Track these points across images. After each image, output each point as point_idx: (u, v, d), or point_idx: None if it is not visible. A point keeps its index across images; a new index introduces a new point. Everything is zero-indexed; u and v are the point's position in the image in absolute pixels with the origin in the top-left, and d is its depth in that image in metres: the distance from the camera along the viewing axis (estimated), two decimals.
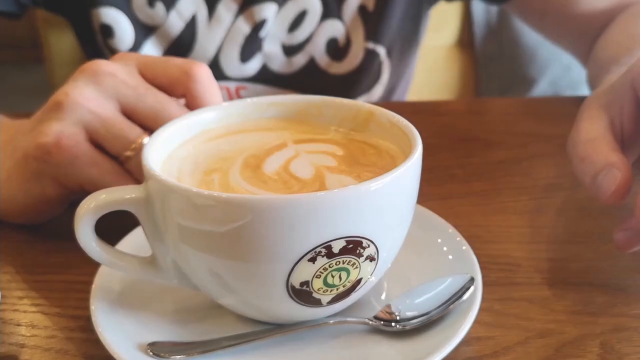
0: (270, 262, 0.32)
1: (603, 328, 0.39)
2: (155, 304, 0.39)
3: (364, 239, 0.32)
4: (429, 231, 0.44)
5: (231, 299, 0.37)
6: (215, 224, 0.32)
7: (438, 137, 0.58)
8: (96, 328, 0.36)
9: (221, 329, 0.37)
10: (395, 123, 0.39)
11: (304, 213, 0.31)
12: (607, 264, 0.45)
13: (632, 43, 0.62)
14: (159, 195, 0.33)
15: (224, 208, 0.31)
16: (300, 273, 0.32)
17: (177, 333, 0.37)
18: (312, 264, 0.32)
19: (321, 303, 0.35)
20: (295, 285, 0.33)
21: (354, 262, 0.33)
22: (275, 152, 0.38)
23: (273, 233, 0.31)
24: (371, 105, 0.41)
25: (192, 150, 0.39)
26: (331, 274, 0.33)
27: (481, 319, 0.37)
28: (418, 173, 0.35)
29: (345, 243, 0.32)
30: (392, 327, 0.36)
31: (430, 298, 0.37)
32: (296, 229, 0.31)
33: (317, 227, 0.31)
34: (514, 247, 0.48)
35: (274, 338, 0.36)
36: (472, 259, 0.41)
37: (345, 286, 0.34)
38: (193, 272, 0.36)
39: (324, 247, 0.32)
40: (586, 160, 0.41)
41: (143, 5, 0.72)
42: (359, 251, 0.33)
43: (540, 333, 0.38)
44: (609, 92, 0.45)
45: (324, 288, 0.34)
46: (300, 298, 0.34)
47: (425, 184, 0.37)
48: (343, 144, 0.40)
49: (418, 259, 0.42)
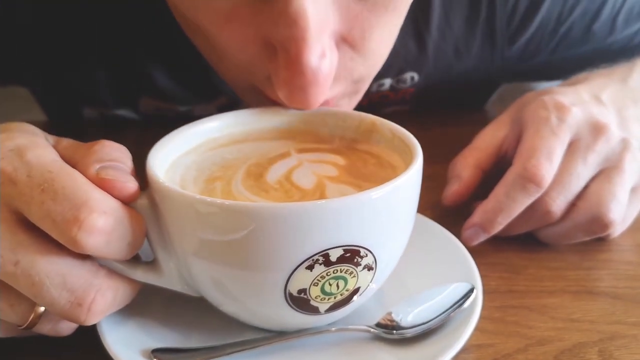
0: (269, 269, 0.32)
1: (601, 335, 0.39)
2: (158, 310, 0.40)
3: (362, 248, 0.33)
4: (429, 239, 0.45)
5: (231, 306, 0.37)
6: (216, 230, 0.32)
7: (438, 146, 0.59)
8: (100, 334, 0.36)
9: (224, 336, 0.37)
10: (397, 134, 0.40)
11: (303, 221, 0.31)
12: (605, 272, 0.46)
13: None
14: (161, 202, 0.34)
15: (225, 215, 0.31)
16: (298, 280, 0.33)
17: (180, 340, 0.37)
18: (310, 272, 0.32)
19: (319, 311, 0.35)
20: (293, 293, 0.33)
21: (351, 270, 0.33)
22: (279, 161, 0.39)
23: (272, 240, 0.31)
24: (374, 116, 0.42)
25: (196, 159, 0.40)
26: (329, 282, 0.33)
27: (481, 326, 0.37)
28: (418, 183, 0.36)
29: (343, 252, 0.32)
30: (393, 335, 0.37)
31: (431, 306, 0.38)
32: (295, 237, 0.31)
33: (315, 235, 0.31)
34: (513, 255, 0.48)
35: (276, 345, 0.36)
36: (472, 267, 0.41)
37: (342, 295, 0.35)
38: (194, 278, 0.36)
39: (321, 256, 0.32)
40: (454, 163, 0.53)
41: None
42: (356, 260, 0.33)
43: (540, 340, 0.39)
44: (519, 110, 0.53)
45: (322, 296, 0.34)
46: (298, 305, 0.34)
47: (426, 191, 0.37)
48: (345, 154, 0.40)
49: (418, 266, 0.43)
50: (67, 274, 0.32)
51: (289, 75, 0.36)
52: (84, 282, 0.33)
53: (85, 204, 0.31)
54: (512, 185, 0.46)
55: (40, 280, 0.31)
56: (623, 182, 0.46)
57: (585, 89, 0.54)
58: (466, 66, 0.71)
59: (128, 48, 0.63)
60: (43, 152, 0.33)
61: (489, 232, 0.47)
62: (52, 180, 0.31)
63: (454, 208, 0.52)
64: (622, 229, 0.49)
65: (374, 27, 0.39)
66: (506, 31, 0.67)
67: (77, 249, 0.31)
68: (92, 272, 0.33)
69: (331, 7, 0.36)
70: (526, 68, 0.74)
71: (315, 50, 0.35)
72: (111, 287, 0.34)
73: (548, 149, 0.46)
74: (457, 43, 0.68)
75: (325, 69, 0.36)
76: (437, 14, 0.65)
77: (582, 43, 0.70)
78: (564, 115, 0.48)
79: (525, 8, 0.65)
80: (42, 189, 0.31)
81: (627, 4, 0.67)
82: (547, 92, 0.53)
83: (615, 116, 0.51)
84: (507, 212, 0.46)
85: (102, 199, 0.32)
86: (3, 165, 0.32)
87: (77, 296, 0.32)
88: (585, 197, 0.46)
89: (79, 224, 0.30)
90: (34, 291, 0.32)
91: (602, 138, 0.47)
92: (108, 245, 0.32)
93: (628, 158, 0.47)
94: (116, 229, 0.32)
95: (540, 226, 0.48)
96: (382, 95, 0.74)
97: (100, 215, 0.31)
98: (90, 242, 0.31)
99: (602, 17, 0.67)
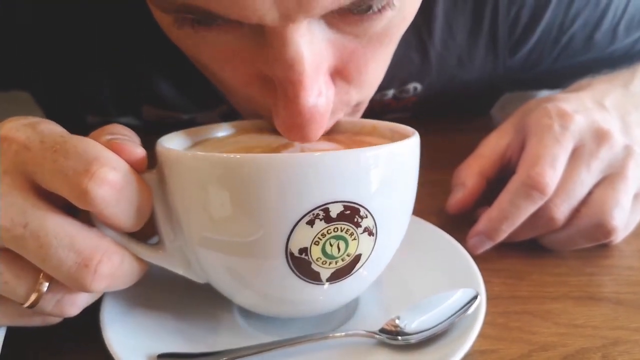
0: (270, 224, 0.33)
1: (604, 341, 0.39)
2: (164, 314, 0.40)
3: (361, 207, 0.33)
4: (433, 245, 0.45)
5: (234, 283, 0.37)
6: (218, 185, 0.32)
7: (442, 152, 0.59)
8: (105, 339, 0.36)
9: (230, 340, 0.38)
10: (397, 130, 0.41)
11: (302, 172, 0.31)
12: (608, 277, 0.46)
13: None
14: (168, 169, 0.34)
15: (225, 167, 0.32)
16: (299, 238, 0.33)
17: (186, 344, 0.37)
18: (311, 228, 0.32)
19: (320, 279, 0.35)
20: (294, 252, 0.33)
21: (352, 231, 0.34)
22: (282, 150, 0.39)
23: (273, 192, 0.32)
24: (374, 120, 0.43)
25: (202, 149, 0.41)
26: (329, 241, 0.33)
27: (485, 332, 0.38)
28: (416, 155, 0.36)
29: (342, 208, 0.32)
30: (397, 341, 0.37)
31: (435, 312, 0.38)
32: (295, 188, 0.32)
33: (315, 187, 0.32)
34: (516, 261, 0.48)
35: (280, 350, 0.36)
36: (475, 273, 0.41)
37: (344, 260, 0.34)
38: (199, 252, 0.36)
39: (321, 210, 0.32)
40: (458, 170, 0.54)
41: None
42: (356, 219, 0.33)
43: (543, 346, 0.39)
44: (523, 117, 0.53)
45: (323, 259, 0.34)
46: (300, 270, 0.34)
47: (429, 198, 0.38)
48: (346, 143, 0.41)
49: (422, 272, 0.43)
50: (75, 235, 0.33)
51: (287, 115, 0.37)
52: (91, 243, 0.33)
53: (96, 159, 0.32)
54: (516, 193, 0.46)
55: (48, 242, 0.32)
56: (626, 189, 0.47)
57: (587, 96, 0.54)
58: (469, 76, 0.71)
59: (130, 56, 0.63)
60: (55, 125, 0.35)
61: (493, 240, 0.48)
62: (64, 142, 0.33)
63: (458, 215, 0.52)
64: (624, 235, 0.49)
65: (369, 61, 0.39)
66: (508, 41, 0.68)
67: (87, 203, 0.32)
68: (99, 236, 0.34)
69: (326, 47, 0.36)
70: (528, 77, 0.74)
71: (312, 91, 0.36)
72: (118, 252, 0.35)
73: (552, 156, 0.47)
74: (460, 54, 0.69)
75: (322, 106, 0.37)
76: (440, 26, 0.65)
77: (584, 52, 0.70)
78: (567, 122, 0.48)
79: (528, 18, 0.66)
80: (55, 150, 0.32)
81: (627, 13, 0.68)
82: (550, 99, 0.53)
83: (618, 122, 0.51)
84: (512, 220, 0.47)
85: (113, 157, 0.33)
86: (18, 135, 0.33)
87: (84, 257, 0.33)
88: (588, 204, 0.47)
89: (90, 175, 0.31)
90: (41, 253, 0.32)
91: (606, 145, 0.48)
92: (117, 204, 0.33)
93: (631, 165, 0.47)
94: (125, 188, 0.33)
95: (544, 233, 0.48)
96: (385, 104, 0.74)
97: (111, 169, 0.32)
98: (100, 194, 0.31)
99: (603, 27, 0.68)
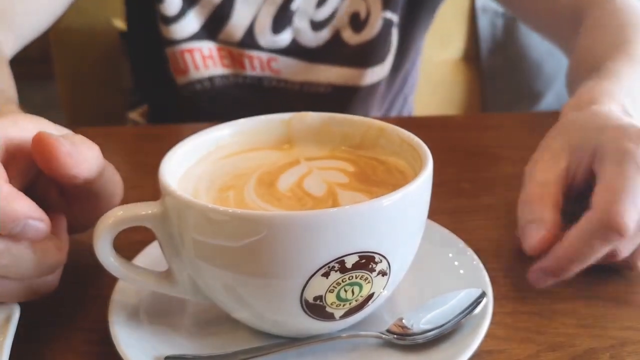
0: (285, 277, 0.33)
1: (612, 341, 0.39)
2: (172, 317, 0.40)
3: (377, 254, 0.33)
4: (440, 245, 0.45)
5: (245, 313, 0.37)
6: (231, 239, 0.32)
7: (446, 152, 0.59)
8: (114, 341, 0.36)
9: (237, 342, 0.38)
10: (406, 139, 0.40)
11: (318, 229, 0.31)
12: (615, 278, 0.46)
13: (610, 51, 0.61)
14: (175, 212, 0.34)
15: (239, 224, 0.32)
16: (314, 288, 0.33)
17: (193, 346, 0.38)
18: (326, 279, 0.33)
19: (334, 317, 0.35)
20: (309, 300, 0.34)
21: (366, 276, 0.34)
22: (289, 169, 0.39)
23: (288, 249, 0.32)
24: (381, 122, 0.42)
25: (208, 168, 0.40)
26: (344, 288, 0.34)
27: (492, 332, 0.38)
28: (429, 189, 0.36)
29: (358, 258, 0.33)
30: (405, 341, 0.37)
31: (442, 312, 0.38)
32: (310, 245, 0.32)
33: (330, 242, 0.32)
34: (523, 261, 0.48)
35: (288, 351, 0.36)
36: (482, 273, 0.41)
37: (357, 300, 0.35)
38: (208, 287, 0.37)
39: (337, 262, 0.32)
40: (528, 204, 0.44)
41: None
42: (371, 266, 0.33)
43: (551, 346, 0.39)
44: (578, 134, 0.47)
45: (337, 302, 0.34)
46: (314, 312, 0.34)
47: (435, 198, 0.38)
48: (353, 161, 0.41)
49: (429, 273, 0.43)
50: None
51: None
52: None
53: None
54: (592, 233, 0.40)
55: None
56: None
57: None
58: None
59: None
60: None
61: (560, 278, 0.42)
62: None
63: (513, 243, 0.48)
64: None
65: None
66: None
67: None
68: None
69: None
70: None
71: None
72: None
73: (635, 191, 0.40)
74: None
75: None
76: None
77: None
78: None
79: None
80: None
81: None
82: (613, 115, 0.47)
83: None
84: (583, 260, 0.41)
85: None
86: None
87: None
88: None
89: None
90: None
91: None
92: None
93: None
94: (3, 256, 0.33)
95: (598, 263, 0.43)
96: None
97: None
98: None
99: None
